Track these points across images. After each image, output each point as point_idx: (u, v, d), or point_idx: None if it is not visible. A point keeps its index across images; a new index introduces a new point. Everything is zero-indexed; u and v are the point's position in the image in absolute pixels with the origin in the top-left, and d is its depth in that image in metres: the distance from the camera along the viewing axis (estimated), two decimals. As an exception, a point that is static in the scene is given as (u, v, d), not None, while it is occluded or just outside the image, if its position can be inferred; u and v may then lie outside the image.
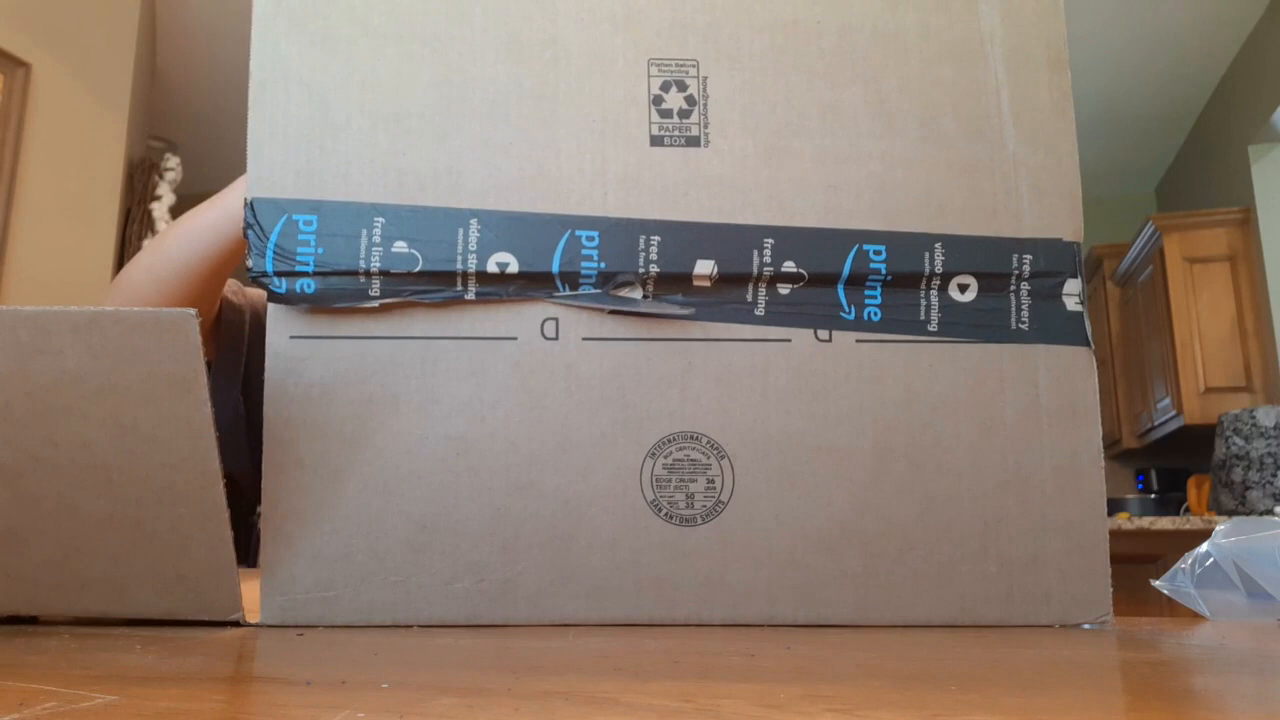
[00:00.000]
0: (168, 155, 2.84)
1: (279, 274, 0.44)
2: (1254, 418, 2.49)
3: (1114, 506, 3.10)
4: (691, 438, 0.45)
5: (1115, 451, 3.70)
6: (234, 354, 0.78)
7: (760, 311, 0.46)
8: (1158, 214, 3.26)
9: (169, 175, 2.76)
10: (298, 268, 0.44)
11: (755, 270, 0.45)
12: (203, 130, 3.31)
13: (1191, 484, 3.04)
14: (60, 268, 2.31)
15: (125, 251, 2.56)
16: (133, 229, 2.62)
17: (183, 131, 3.17)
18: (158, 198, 2.70)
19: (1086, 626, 0.45)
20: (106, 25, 2.50)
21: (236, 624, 0.42)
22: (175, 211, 2.69)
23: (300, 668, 0.32)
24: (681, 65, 0.47)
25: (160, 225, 2.63)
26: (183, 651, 0.34)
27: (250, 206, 0.45)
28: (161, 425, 0.39)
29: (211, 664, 0.32)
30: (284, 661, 0.34)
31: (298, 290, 0.44)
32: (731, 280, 0.46)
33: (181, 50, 2.99)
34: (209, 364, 0.76)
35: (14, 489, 0.40)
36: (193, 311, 0.38)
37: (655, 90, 0.47)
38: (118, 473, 0.40)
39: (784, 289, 0.46)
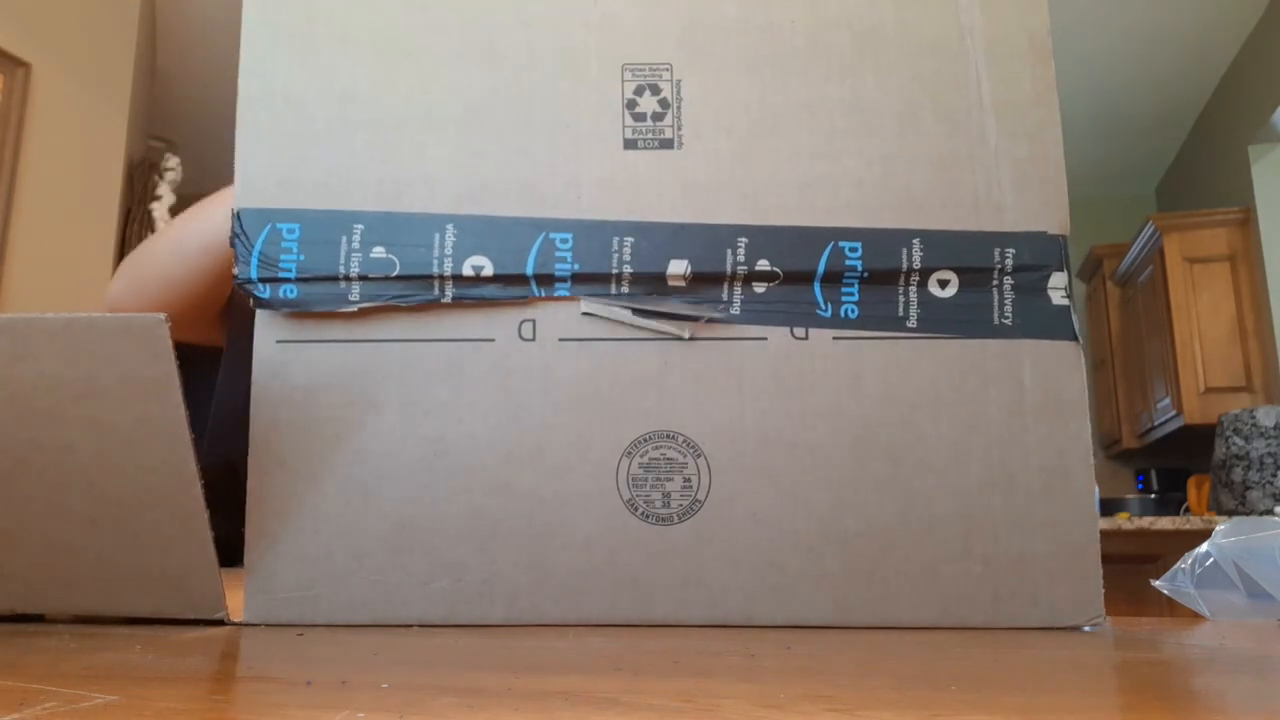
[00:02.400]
0: (168, 155, 2.84)
1: (263, 280, 0.46)
2: (1254, 418, 2.49)
3: (1114, 506, 3.10)
4: (668, 437, 0.45)
5: (1115, 451, 3.70)
6: (247, 340, 0.78)
7: (736, 310, 0.46)
8: (1158, 214, 3.26)
9: (169, 175, 2.76)
10: (280, 274, 0.46)
11: (729, 269, 0.46)
12: (203, 130, 3.31)
13: (1191, 484, 3.04)
14: (60, 268, 2.31)
15: (125, 251, 2.56)
16: (133, 229, 2.62)
17: (183, 131, 3.17)
18: (158, 198, 2.70)
19: (1085, 629, 0.45)
20: (106, 25, 2.51)
21: (221, 622, 0.42)
22: (175, 212, 2.69)
23: (300, 668, 0.32)
24: (655, 69, 0.48)
25: (160, 225, 2.63)
26: (183, 651, 0.34)
27: (237, 217, 0.46)
28: (138, 428, 0.40)
29: (211, 664, 0.33)
30: (284, 661, 0.34)
31: (280, 296, 0.45)
32: (706, 279, 0.46)
33: (181, 50, 2.99)
34: (219, 349, 0.76)
35: (2, 491, 0.40)
36: (162, 316, 0.39)
37: (629, 94, 0.47)
38: (99, 475, 0.40)
39: (759, 287, 0.46)
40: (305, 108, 0.47)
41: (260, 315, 0.46)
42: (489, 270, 0.45)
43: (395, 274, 0.45)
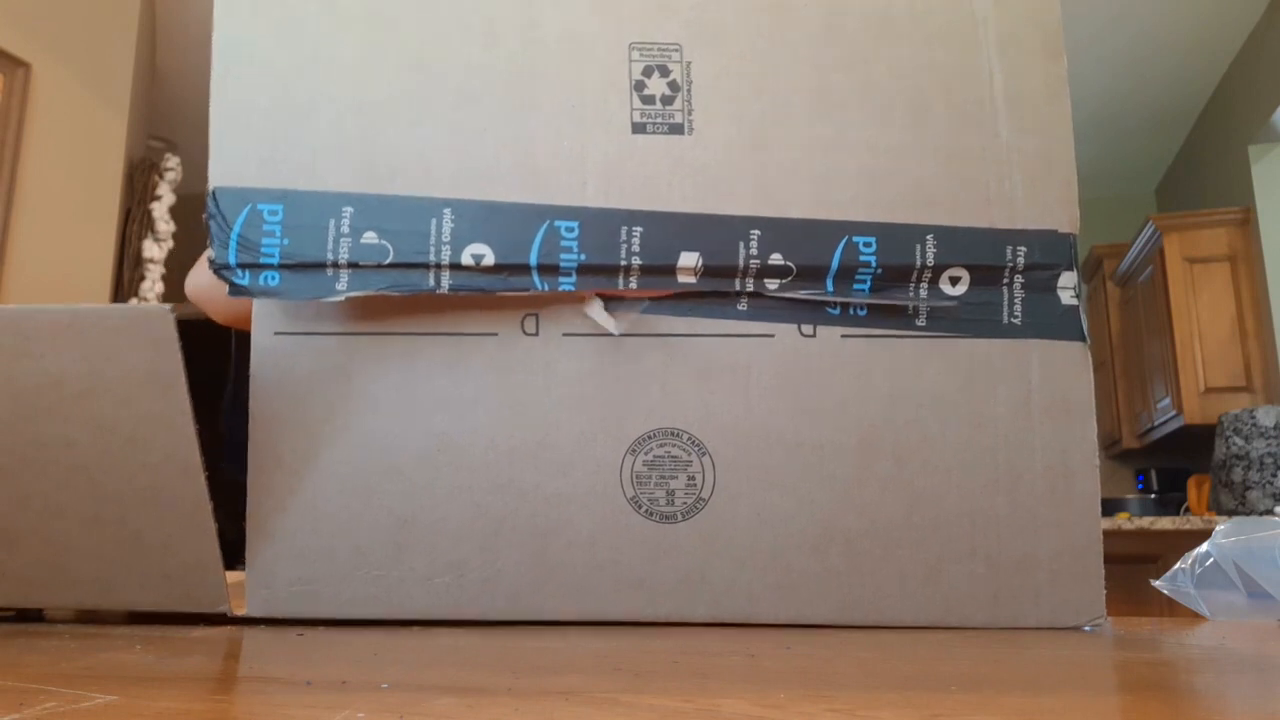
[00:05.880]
0: (168, 155, 2.84)
1: (242, 266, 0.43)
2: (1254, 418, 2.49)
3: (1114, 506, 3.10)
4: (672, 434, 0.44)
5: (1115, 451, 3.70)
6: None
7: (743, 306, 0.45)
8: (1158, 214, 3.26)
9: (169, 175, 2.76)
10: (262, 260, 0.43)
11: (742, 263, 0.44)
12: (203, 130, 3.29)
13: (1191, 484, 3.04)
14: (60, 268, 2.31)
15: (125, 251, 2.55)
16: (133, 229, 2.61)
17: (183, 131, 3.16)
18: (158, 198, 2.70)
19: (1085, 629, 0.45)
20: (106, 25, 2.50)
21: (223, 616, 0.42)
22: (175, 211, 2.69)
23: (300, 668, 0.32)
24: (664, 49, 0.46)
25: (160, 225, 2.63)
26: (183, 651, 0.34)
27: (213, 196, 0.44)
28: (141, 425, 0.39)
29: (211, 664, 0.32)
30: (284, 661, 0.34)
31: (261, 283, 0.43)
32: (717, 273, 0.45)
33: (181, 50, 2.98)
34: None
35: (4, 487, 0.40)
36: (168, 307, 0.38)
37: (637, 75, 0.45)
38: (100, 473, 0.40)
39: (771, 283, 0.45)
40: (287, 80, 0.45)
41: (258, 305, 0.44)
42: (490, 259, 0.44)
43: (388, 262, 0.43)
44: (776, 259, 0.45)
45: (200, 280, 0.70)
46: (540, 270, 0.44)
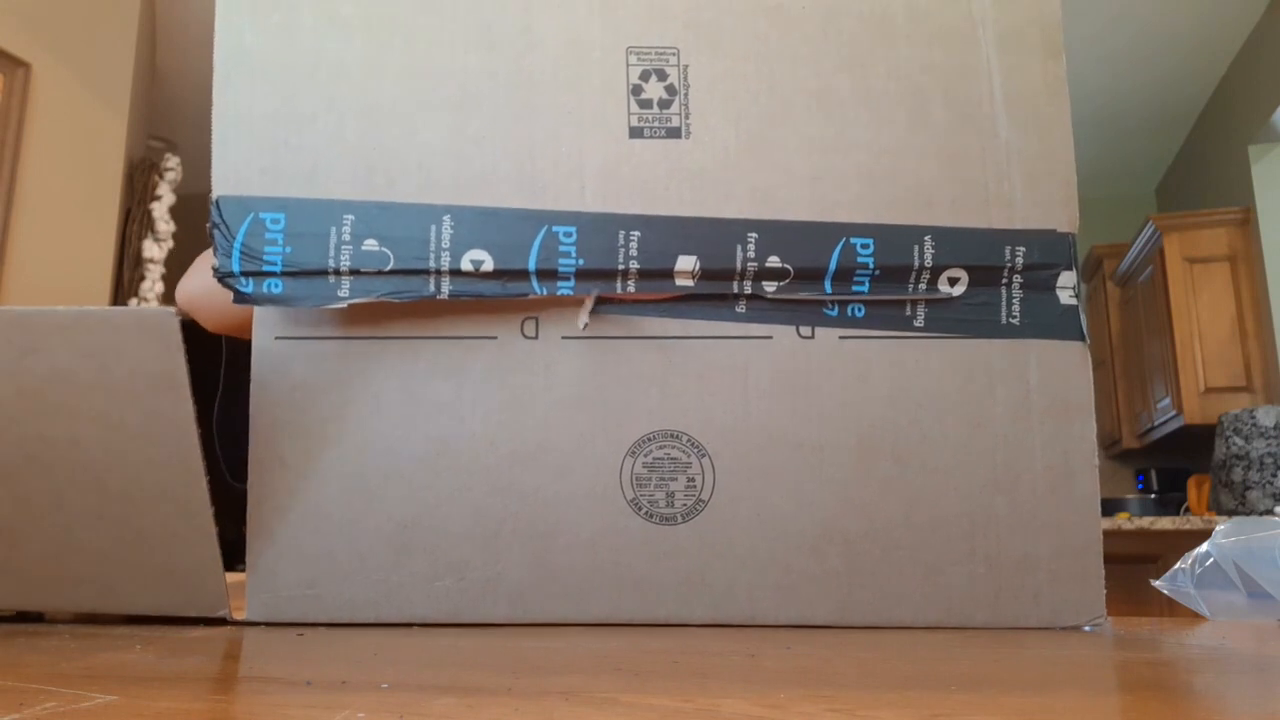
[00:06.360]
0: (168, 155, 2.84)
1: (245, 274, 0.44)
2: (1254, 418, 2.49)
3: (1114, 506, 3.10)
4: (672, 436, 0.45)
5: (1115, 451, 3.70)
6: None
7: (742, 309, 0.45)
8: (1158, 214, 3.26)
9: (169, 175, 2.76)
10: (265, 268, 0.44)
11: (739, 266, 0.45)
12: (203, 130, 3.28)
13: (1191, 484, 3.04)
14: (60, 268, 2.31)
15: (125, 251, 2.55)
16: (133, 229, 2.61)
17: (183, 131, 3.16)
18: (158, 198, 2.70)
19: (1086, 629, 0.45)
20: (106, 25, 2.50)
21: (223, 620, 0.42)
22: (175, 211, 2.69)
23: (300, 668, 0.32)
24: (661, 53, 0.46)
25: (160, 225, 2.63)
26: (183, 651, 0.34)
27: (215, 205, 0.44)
28: (147, 423, 0.40)
29: (211, 664, 0.32)
30: (284, 661, 0.34)
31: (265, 291, 0.44)
32: (714, 276, 0.45)
33: (181, 50, 2.98)
34: None
35: (7, 486, 0.40)
36: (173, 310, 0.38)
37: (634, 80, 0.46)
38: (106, 470, 0.40)
39: (769, 285, 0.45)
40: (288, 88, 0.45)
41: (258, 310, 0.44)
42: (489, 265, 0.44)
43: (389, 268, 0.44)
44: (774, 261, 0.45)
45: (191, 288, 0.70)
46: (539, 275, 0.44)
